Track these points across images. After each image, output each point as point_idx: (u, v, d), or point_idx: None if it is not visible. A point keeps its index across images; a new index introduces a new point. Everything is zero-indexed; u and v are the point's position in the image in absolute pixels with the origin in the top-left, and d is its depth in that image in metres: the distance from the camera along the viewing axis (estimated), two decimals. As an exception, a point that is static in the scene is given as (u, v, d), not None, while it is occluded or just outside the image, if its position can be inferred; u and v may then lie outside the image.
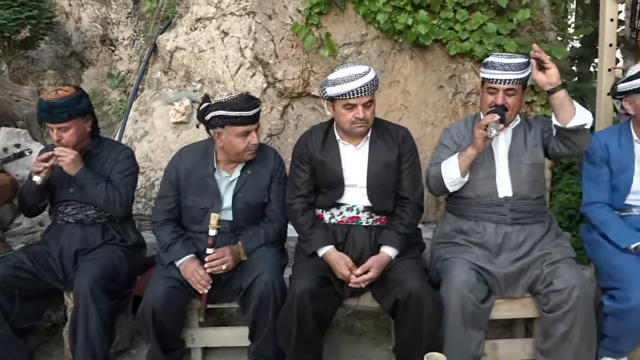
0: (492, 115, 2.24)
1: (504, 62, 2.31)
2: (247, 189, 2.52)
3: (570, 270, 2.26)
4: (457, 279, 2.24)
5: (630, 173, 2.44)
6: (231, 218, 2.52)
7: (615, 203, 2.49)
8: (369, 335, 2.93)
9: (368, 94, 2.30)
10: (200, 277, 2.38)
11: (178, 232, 2.53)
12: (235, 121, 2.37)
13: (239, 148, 2.43)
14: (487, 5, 3.72)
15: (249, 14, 3.99)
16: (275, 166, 2.58)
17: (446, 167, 2.38)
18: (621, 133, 2.50)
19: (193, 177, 2.52)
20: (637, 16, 2.62)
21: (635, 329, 2.28)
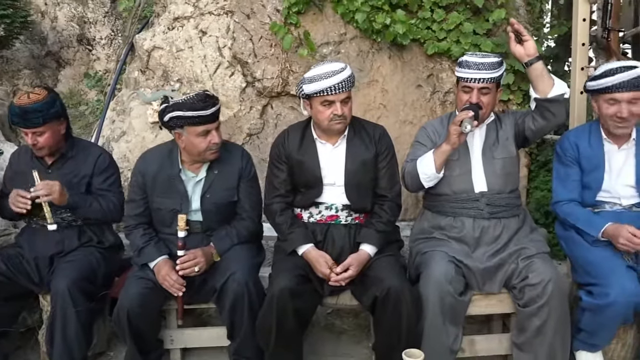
0: (466, 112, 2.28)
1: (478, 62, 2.35)
2: (215, 189, 2.49)
3: (545, 264, 2.30)
4: (436, 271, 2.27)
5: (601, 171, 2.48)
6: (201, 219, 2.50)
7: (587, 200, 2.53)
8: (349, 333, 2.95)
9: (345, 90, 2.32)
10: (173, 281, 2.35)
11: (149, 234, 2.50)
12: (194, 121, 2.34)
13: (200, 148, 2.40)
14: (464, 5, 3.76)
15: (227, 13, 3.98)
16: (242, 164, 2.55)
17: (422, 163, 2.41)
18: (591, 132, 2.53)
19: (159, 180, 2.49)
20: (608, 16, 2.67)
21: (611, 323, 2.33)
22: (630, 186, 2.46)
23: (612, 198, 2.49)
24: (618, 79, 2.31)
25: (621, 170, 2.47)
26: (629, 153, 2.47)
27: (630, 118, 2.34)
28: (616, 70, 2.33)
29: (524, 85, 3.76)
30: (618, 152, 2.48)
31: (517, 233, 2.44)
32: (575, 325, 2.43)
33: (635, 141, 2.47)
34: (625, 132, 2.42)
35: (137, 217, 2.52)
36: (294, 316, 2.24)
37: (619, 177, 2.47)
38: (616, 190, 2.47)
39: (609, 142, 2.49)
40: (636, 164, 2.45)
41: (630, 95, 2.31)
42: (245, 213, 2.55)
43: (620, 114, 2.34)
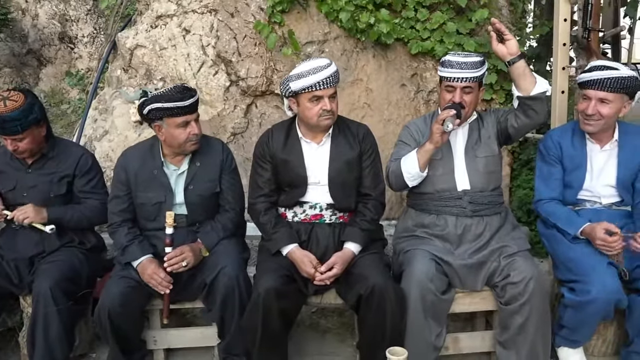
0: (448, 111, 2.30)
1: (460, 61, 2.36)
2: (198, 180, 2.51)
3: (526, 262, 2.33)
4: (418, 270, 2.28)
5: (583, 170, 2.51)
6: (186, 212, 2.50)
7: (568, 198, 2.56)
8: (334, 332, 2.95)
9: (332, 85, 2.33)
10: (160, 279, 2.35)
11: (134, 233, 2.49)
12: (173, 112, 2.35)
13: (180, 139, 2.40)
14: (447, 5, 3.78)
15: (210, 12, 3.95)
16: (223, 157, 2.57)
17: (405, 162, 2.42)
18: (574, 131, 2.56)
19: (142, 174, 2.49)
20: (588, 17, 2.71)
21: (592, 320, 2.36)
22: (610, 186, 2.50)
23: (593, 197, 2.53)
24: (593, 76, 2.35)
25: (602, 170, 2.50)
26: (611, 154, 2.50)
27: (597, 117, 2.37)
28: (595, 68, 2.37)
29: (507, 85, 3.80)
30: (600, 152, 2.51)
31: (499, 231, 2.47)
32: (557, 322, 2.47)
33: (617, 142, 2.50)
34: (590, 130, 2.44)
35: (122, 213, 2.51)
36: (279, 316, 2.24)
37: (600, 176, 2.50)
38: (597, 189, 2.51)
39: (592, 141, 2.52)
40: (617, 165, 2.48)
41: (601, 95, 2.35)
42: (228, 205, 2.56)
43: (586, 110, 2.38)
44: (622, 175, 2.48)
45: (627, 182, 2.49)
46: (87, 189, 2.61)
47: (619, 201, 2.51)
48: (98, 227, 2.87)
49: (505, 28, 2.30)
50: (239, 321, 2.32)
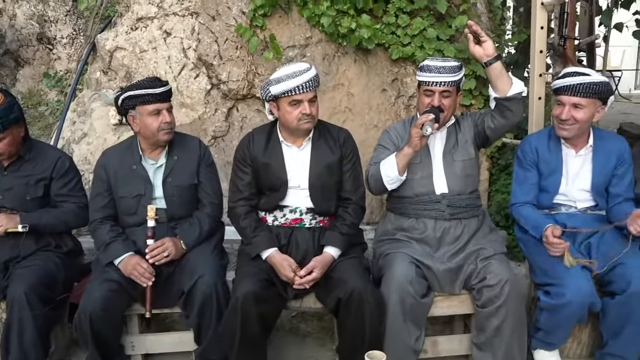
0: (427, 115, 2.32)
1: (439, 66, 2.39)
2: (176, 173, 2.55)
3: (502, 265, 2.36)
4: (397, 273, 2.30)
5: (559, 175, 2.56)
6: (165, 206, 2.52)
7: (544, 202, 2.60)
8: (314, 336, 2.95)
9: (312, 89, 2.34)
10: (143, 269, 2.36)
11: (117, 230, 2.50)
12: (144, 99, 2.42)
13: (152, 127, 2.44)
14: (428, 11, 3.83)
15: (192, 15, 3.94)
16: (200, 152, 2.63)
17: (384, 166, 2.44)
18: (550, 136, 2.61)
19: (121, 170, 2.53)
20: (564, 25, 2.76)
21: (567, 322, 2.40)
22: (585, 190, 2.55)
23: (568, 201, 2.57)
24: (566, 82, 2.40)
25: (577, 174, 2.55)
26: (585, 159, 2.55)
27: (571, 122, 2.42)
28: (568, 74, 2.42)
29: (485, 91, 3.85)
30: (575, 157, 2.56)
31: (476, 233, 2.50)
32: (533, 325, 2.50)
33: (592, 147, 2.55)
34: (564, 135, 2.49)
35: (104, 210, 2.52)
36: (258, 321, 2.23)
37: (575, 181, 2.55)
38: (572, 194, 2.56)
39: (567, 146, 2.57)
40: (592, 170, 2.53)
41: (574, 100, 2.39)
42: (206, 198, 2.59)
43: (560, 115, 2.42)
44: (597, 180, 2.53)
45: (601, 187, 2.54)
46: (64, 192, 2.59)
47: (594, 205, 2.56)
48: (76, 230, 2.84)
49: (481, 30, 2.34)
50: (216, 327, 2.31)
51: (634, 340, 2.36)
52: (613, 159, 2.53)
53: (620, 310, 2.32)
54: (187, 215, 2.56)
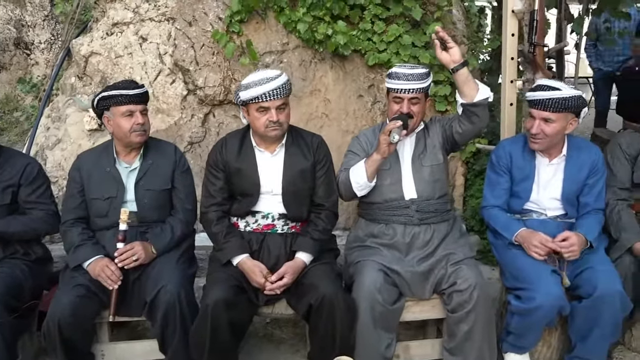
0: (395, 122, 2.34)
1: (407, 73, 2.41)
2: (149, 176, 2.55)
3: (471, 270, 2.38)
4: (366, 281, 2.31)
5: (530, 182, 2.58)
6: (136, 209, 2.51)
7: (515, 208, 2.63)
8: (288, 342, 2.94)
9: (280, 97, 2.34)
10: (111, 272, 2.33)
11: (87, 234, 2.49)
12: (117, 100, 2.44)
13: (125, 128, 2.46)
14: (403, 18, 3.86)
15: (168, 20, 3.92)
16: (176, 158, 2.63)
17: (354, 172, 2.45)
18: (525, 143, 2.61)
19: (95, 173, 2.54)
20: (534, 32, 2.80)
21: (538, 326, 2.43)
22: (555, 199, 2.57)
23: (539, 208, 2.60)
24: (537, 97, 2.41)
25: (549, 183, 2.57)
26: (558, 168, 2.57)
27: (541, 136, 2.43)
28: (539, 88, 2.44)
29: (461, 97, 3.89)
30: (548, 166, 2.57)
31: (446, 238, 2.52)
32: (504, 328, 2.52)
33: (565, 157, 2.56)
34: (536, 148, 2.51)
35: (76, 211, 2.52)
36: (228, 328, 2.22)
37: (546, 189, 2.57)
38: (543, 202, 2.58)
39: (541, 155, 2.58)
40: (564, 179, 2.55)
41: (544, 115, 2.40)
42: (180, 204, 2.59)
43: (531, 130, 2.45)
44: (567, 190, 2.54)
45: (572, 196, 2.56)
46: (32, 199, 2.55)
47: (564, 214, 2.58)
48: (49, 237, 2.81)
49: (448, 36, 2.36)
50: (181, 338, 2.29)
51: (601, 343, 2.40)
52: (585, 169, 2.54)
53: (587, 314, 2.35)
54: (158, 219, 2.55)
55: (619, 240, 2.52)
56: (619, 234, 2.53)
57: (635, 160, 2.60)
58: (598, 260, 2.39)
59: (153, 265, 2.43)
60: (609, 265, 2.40)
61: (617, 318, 2.34)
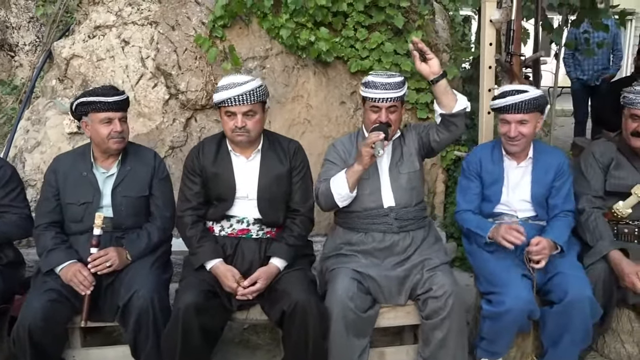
0: (377, 134, 2.33)
1: (385, 82, 2.42)
2: (127, 183, 2.53)
3: (446, 277, 2.39)
4: (339, 289, 2.31)
5: (500, 185, 2.64)
6: (112, 215, 2.49)
7: (487, 211, 2.67)
8: (265, 348, 2.93)
9: (247, 103, 2.33)
10: (83, 277, 2.31)
11: (61, 238, 2.46)
12: (96, 107, 2.42)
13: (102, 135, 2.44)
14: (385, 25, 3.89)
15: (151, 24, 3.92)
16: (155, 165, 2.62)
17: (335, 183, 2.44)
18: (494, 148, 2.70)
19: (71, 176, 2.52)
20: (510, 42, 2.84)
21: (509, 330, 2.45)
22: (525, 201, 2.63)
23: (510, 211, 2.64)
24: (508, 102, 2.48)
25: (518, 185, 2.63)
26: (525, 170, 2.64)
27: (519, 137, 2.50)
28: (508, 93, 2.50)
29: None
30: (516, 169, 2.64)
31: (422, 244, 2.53)
32: (478, 334, 2.54)
33: (532, 159, 2.63)
34: (515, 150, 2.57)
35: (50, 215, 2.49)
36: (200, 333, 2.21)
37: (516, 191, 2.63)
38: (513, 204, 2.63)
39: (509, 158, 2.65)
40: (532, 181, 2.62)
41: (519, 117, 2.48)
42: (157, 210, 2.58)
43: (509, 133, 2.50)
44: (536, 192, 2.61)
45: (541, 198, 2.62)
46: (5, 202, 2.53)
47: (534, 216, 2.63)
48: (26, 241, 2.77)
49: (427, 48, 2.38)
50: (153, 343, 2.27)
51: (572, 349, 2.42)
52: (551, 172, 2.61)
53: (558, 319, 2.38)
54: (134, 226, 2.54)
55: (594, 247, 2.55)
56: (595, 242, 2.56)
57: (607, 169, 2.65)
58: (569, 265, 2.42)
59: (127, 270, 2.41)
60: (579, 271, 2.43)
61: (587, 324, 2.37)
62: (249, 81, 2.35)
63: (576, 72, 6.15)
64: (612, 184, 2.62)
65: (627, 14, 4.32)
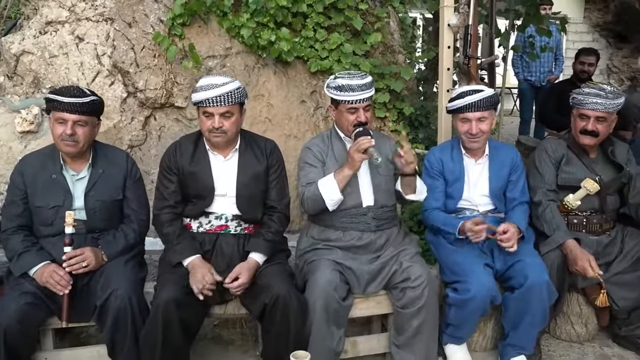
0: (368, 139, 2.38)
1: (360, 84, 2.50)
2: (100, 186, 2.48)
3: (423, 268, 2.52)
4: (322, 279, 2.38)
5: (462, 182, 2.80)
6: (85, 217, 2.44)
7: (450, 207, 2.83)
8: (237, 343, 2.96)
9: (225, 104, 2.36)
10: (59, 277, 2.26)
11: (31, 240, 2.39)
12: (54, 105, 2.38)
13: (55, 134, 2.41)
14: (344, 27, 3.99)
15: (106, 21, 3.83)
16: (128, 167, 2.58)
17: (325, 188, 2.48)
18: (453, 147, 2.86)
19: (40, 178, 2.44)
20: (468, 45, 3.02)
21: (473, 316, 2.61)
22: (485, 195, 2.81)
23: (471, 205, 2.81)
24: (467, 101, 2.64)
25: (477, 181, 2.80)
26: (483, 167, 2.82)
27: (480, 134, 2.68)
28: (466, 94, 2.66)
29: (399, 104, 4.08)
30: (475, 165, 2.81)
31: (396, 238, 2.65)
32: (444, 321, 2.69)
33: (488, 156, 2.82)
34: (477, 147, 2.75)
35: (18, 219, 2.41)
36: (180, 327, 2.23)
37: (476, 187, 2.80)
38: (474, 199, 2.80)
39: (468, 156, 2.82)
40: (489, 176, 2.79)
41: (478, 115, 2.66)
42: (133, 213, 2.54)
43: (470, 131, 2.67)
44: (494, 186, 2.79)
45: (499, 192, 2.81)
46: None
47: (493, 209, 2.81)
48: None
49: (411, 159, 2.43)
50: (131, 343, 2.26)
51: (531, 330, 2.61)
52: (507, 167, 2.81)
53: (518, 304, 2.56)
54: (108, 228, 2.50)
55: (551, 236, 2.73)
56: (553, 232, 2.73)
57: (559, 164, 2.86)
58: (528, 253, 2.61)
59: (102, 269, 2.38)
60: (537, 258, 2.63)
61: (545, 306, 2.56)
62: (228, 83, 2.38)
63: (524, 73, 6.51)
64: (563, 179, 2.84)
65: (566, 21, 4.64)
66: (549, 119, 4.87)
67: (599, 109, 2.72)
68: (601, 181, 2.80)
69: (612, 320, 2.93)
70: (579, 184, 2.78)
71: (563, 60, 6.57)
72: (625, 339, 2.88)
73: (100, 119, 2.56)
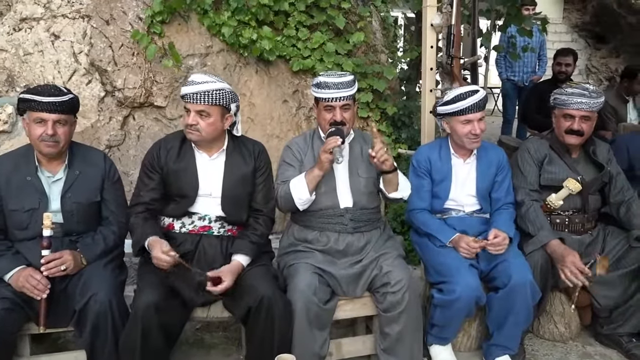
0: (335, 139, 2.38)
1: (337, 82, 2.48)
2: (77, 188, 2.41)
3: (403, 272, 2.48)
4: (301, 283, 2.34)
5: (449, 182, 2.79)
6: (62, 220, 2.37)
7: (436, 207, 2.82)
8: (220, 347, 2.91)
9: (200, 102, 2.33)
10: (37, 281, 2.18)
11: (5, 245, 2.31)
12: (30, 105, 2.31)
13: (34, 135, 2.32)
14: (327, 26, 3.97)
15: (83, 18, 3.74)
16: (106, 168, 2.51)
17: (295, 187, 2.47)
18: (441, 147, 2.84)
19: (14, 180, 2.35)
20: (451, 45, 3.02)
21: (458, 317, 2.61)
22: (471, 195, 2.80)
23: (458, 206, 2.80)
24: (469, 102, 2.62)
25: (465, 181, 2.79)
26: (471, 167, 2.81)
27: (480, 133, 2.68)
28: (466, 95, 2.64)
29: (382, 104, 4.07)
30: (463, 165, 2.80)
31: (377, 242, 2.61)
32: (429, 322, 2.68)
33: (475, 156, 2.81)
34: (477, 146, 2.75)
35: None
36: (160, 332, 2.17)
37: (463, 187, 2.79)
38: (460, 199, 2.79)
39: (456, 156, 2.81)
40: (476, 177, 2.79)
41: (479, 115, 2.66)
42: (112, 215, 2.48)
43: (474, 131, 2.66)
44: (480, 186, 2.79)
45: (485, 192, 2.80)
46: None
47: (479, 209, 2.81)
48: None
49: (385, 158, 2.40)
50: (113, 346, 2.20)
51: (515, 329, 2.61)
52: (493, 167, 2.81)
53: (503, 304, 2.56)
54: (86, 231, 2.43)
55: (536, 236, 2.72)
56: (537, 232, 2.72)
57: (541, 164, 2.87)
58: (512, 254, 2.61)
59: (81, 272, 2.31)
60: (521, 258, 2.62)
61: (529, 305, 2.56)
62: (208, 82, 2.35)
63: (507, 73, 6.55)
64: (546, 178, 2.85)
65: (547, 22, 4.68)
66: (531, 119, 4.91)
67: (584, 108, 2.74)
68: (583, 181, 2.81)
69: (595, 319, 2.95)
70: (561, 183, 2.79)
71: (546, 60, 6.61)
72: (608, 337, 2.90)
73: (76, 117, 2.48)
